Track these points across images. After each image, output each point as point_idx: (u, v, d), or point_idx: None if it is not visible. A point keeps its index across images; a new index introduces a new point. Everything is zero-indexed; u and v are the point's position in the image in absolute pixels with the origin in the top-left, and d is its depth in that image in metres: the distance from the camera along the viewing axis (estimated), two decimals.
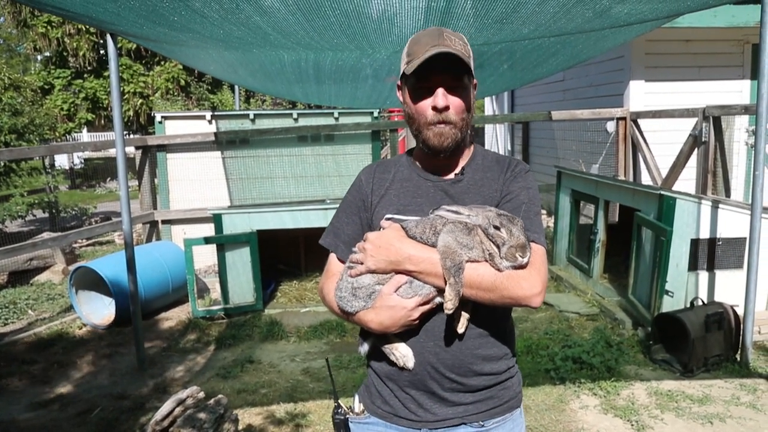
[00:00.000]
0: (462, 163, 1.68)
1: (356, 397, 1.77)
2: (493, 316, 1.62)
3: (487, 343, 1.62)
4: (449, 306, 1.47)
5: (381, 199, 1.70)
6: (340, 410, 1.71)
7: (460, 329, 1.57)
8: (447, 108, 1.57)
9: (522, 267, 1.47)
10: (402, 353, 1.60)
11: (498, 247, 1.48)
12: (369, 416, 1.70)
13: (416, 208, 1.65)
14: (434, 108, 1.57)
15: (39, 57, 21.71)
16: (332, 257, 1.76)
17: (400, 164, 1.74)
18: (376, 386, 1.70)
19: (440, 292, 1.53)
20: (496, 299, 1.49)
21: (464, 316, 1.57)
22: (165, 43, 4.13)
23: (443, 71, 1.55)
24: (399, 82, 1.69)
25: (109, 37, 4.61)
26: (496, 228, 1.48)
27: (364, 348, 1.70)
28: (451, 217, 1.53)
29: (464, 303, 1.53)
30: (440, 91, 1.57)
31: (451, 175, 1.66)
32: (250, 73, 5.18)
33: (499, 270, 1.48)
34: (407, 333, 1.60)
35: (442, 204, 1.58)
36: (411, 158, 1.76)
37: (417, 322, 1.57)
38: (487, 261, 1.49)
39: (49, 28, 18.88)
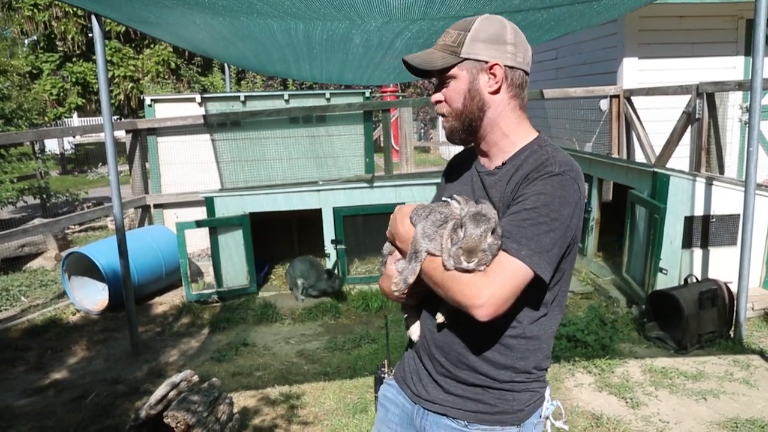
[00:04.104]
0: (507, 155, 1.62)
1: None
2: (486, 324, 1.49)
3: (485, 344, 1.56)
4: (393, 287, 1.56)
5: (447, 185, 1.79)
6: (382, 368, 1.92)
7: (438, 318, 1.59)
8: (438, 102, 1.63)
9: (468, 271, 1.42)
10: (411, 327, 1.71)
11: (452, 245, 1.44)
12: (392, 378, 1.83)
13: (464, 195, 1.67)
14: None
15: (26, 41, 21.42)
16: None
17: (472, 156, 1.75)
18: (406, 353, 1.80)
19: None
20: (445, 297, 1.47)
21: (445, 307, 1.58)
22: (151, 9, 4.00)
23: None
24: None
25: (94, 19, 4.53)
26: (460, 226, 1.44)
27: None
28: (453, 206, 1.53)
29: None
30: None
31: (493, 167, 1.64)
32: (240, 38, 5.01)
33: (445, 268, 1.45)
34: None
35: (479, 194, 1.61)
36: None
37: (404, 295, 1.59)
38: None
39: (35, 11, 18.62)
